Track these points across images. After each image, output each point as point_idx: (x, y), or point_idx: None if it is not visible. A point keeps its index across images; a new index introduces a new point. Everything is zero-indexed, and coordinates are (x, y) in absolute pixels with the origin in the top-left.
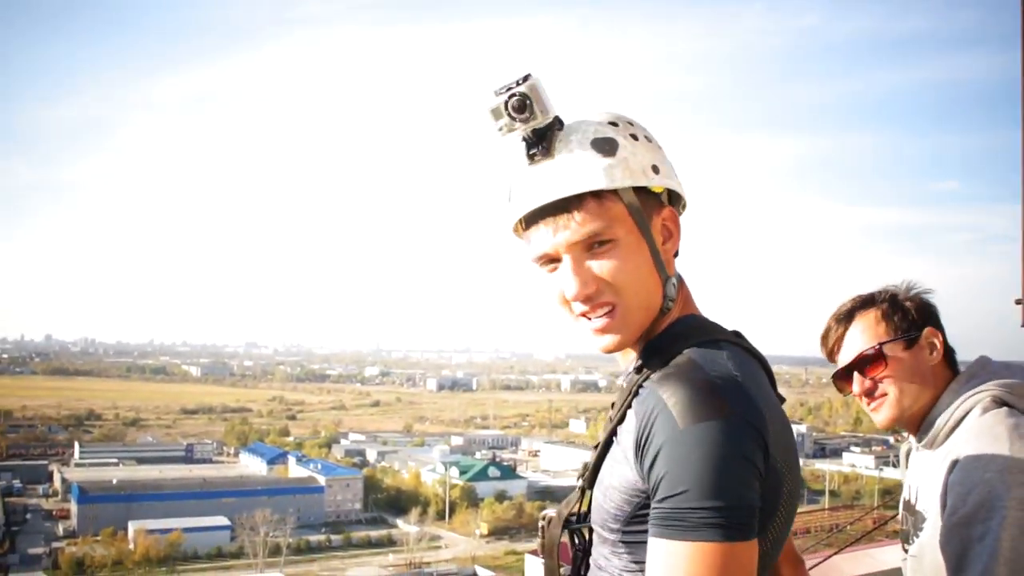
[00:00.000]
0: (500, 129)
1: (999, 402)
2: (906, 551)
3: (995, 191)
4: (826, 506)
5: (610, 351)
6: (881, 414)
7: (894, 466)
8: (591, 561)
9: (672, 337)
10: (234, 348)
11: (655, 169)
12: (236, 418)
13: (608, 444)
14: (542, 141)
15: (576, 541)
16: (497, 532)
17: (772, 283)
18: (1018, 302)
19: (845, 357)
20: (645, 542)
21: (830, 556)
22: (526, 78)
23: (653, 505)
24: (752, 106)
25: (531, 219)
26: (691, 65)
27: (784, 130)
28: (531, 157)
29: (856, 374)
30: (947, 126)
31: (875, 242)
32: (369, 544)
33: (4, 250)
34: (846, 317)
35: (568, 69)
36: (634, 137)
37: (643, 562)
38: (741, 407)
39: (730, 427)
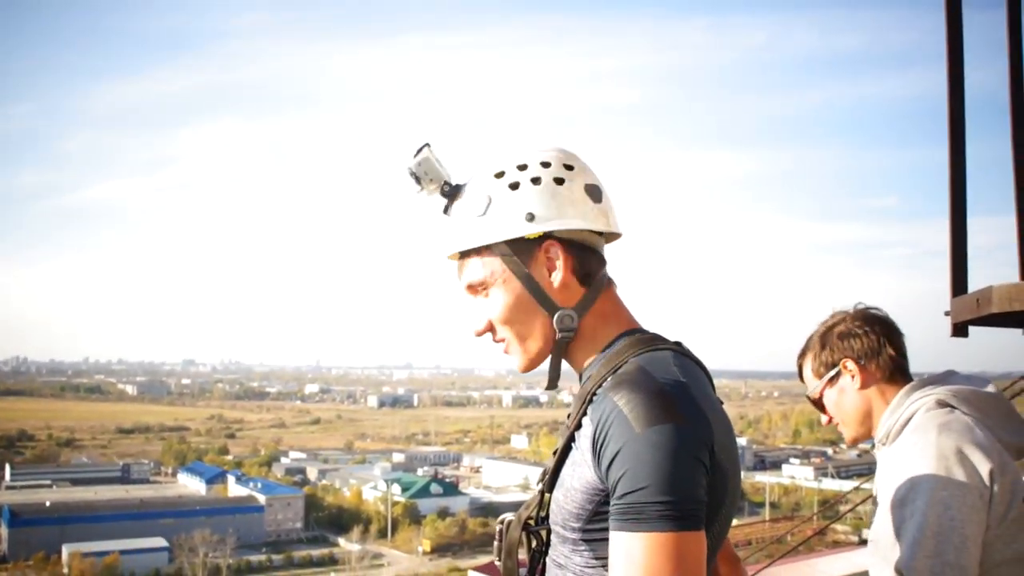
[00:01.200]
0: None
1: (942, 404)
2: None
3: (931, 206)
4: (767, 518)
5: (522, 371)
6: (845, 437)
7: (832, 477)
8: (549, 560)
9: (617, 350)
10: (171, 366)
11: (530, 216)
12: (174, 437)
13: (567, 449)
14: (447, 197)
15: (534, 543)
16: (440, 549)
17: (714, 298)
18: (946, 314)
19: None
20: (605, 539)
21: (769, 565)
22: (420, 150)
23: (613, 502)
24: (698, 121)
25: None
26: (637, 79)
27: (731, 145)
28: (444, 210)
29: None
30: (886, 142)
31: (820, 257)
32: (311, 563)
33: None
34: (801, 355)
35: (517, 81)
36: (514, 187)
37: (604, 557)
38: (690, 411)
39: (682, 430)
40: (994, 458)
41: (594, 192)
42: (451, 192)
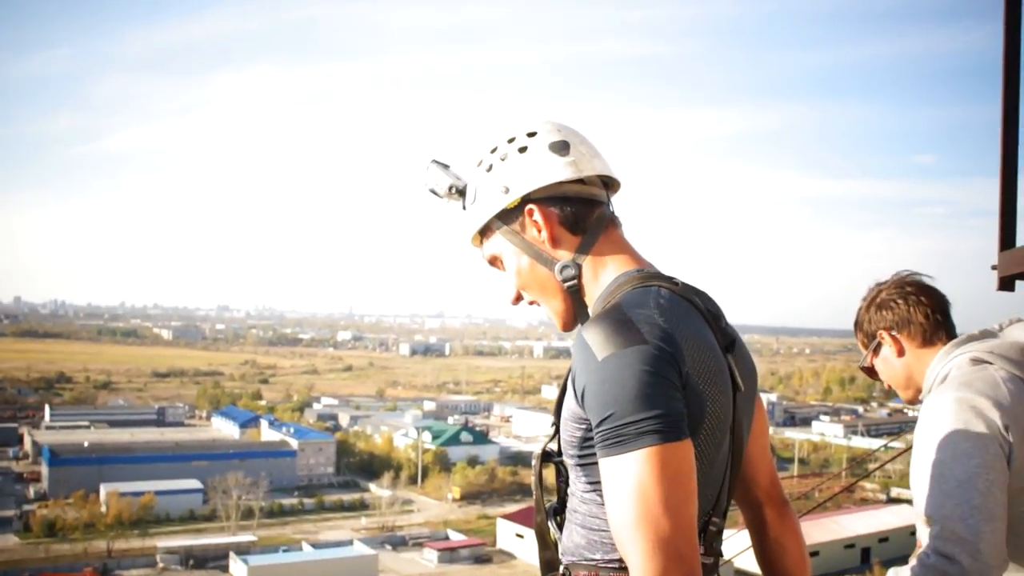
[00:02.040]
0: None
1: (976, 361)
2: None
3: (971, 165)
4: (795, 474)
5: (563, 330)
6: (902, 399)
7: (863, 435)
8: (568, 491)
9: (610, 291)
10: (206, 311)
11: (505, 189)
12: (208, 382)
13: (566, 384)
14: (460, 197)
15: (561, 473)
16: (469, 497)
17: (750, 253)
18: (993, 268)
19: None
20: (595, 463)
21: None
22: (427, 169)
23: (594, 432)
24: (735, 74)
25: None
26: (660, 32)
27: (764, 100)
28: (463, 207)
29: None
30: (926, 99)
31: (854, 214)
32: (341, 508)
33: None
34: (855, 333)
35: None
36: (489, 169)
37: (597, 482)
38: (654, 335)
39: (642, 352)
40: (1012, 412)
41: (558, 147)
42: (460, 193)
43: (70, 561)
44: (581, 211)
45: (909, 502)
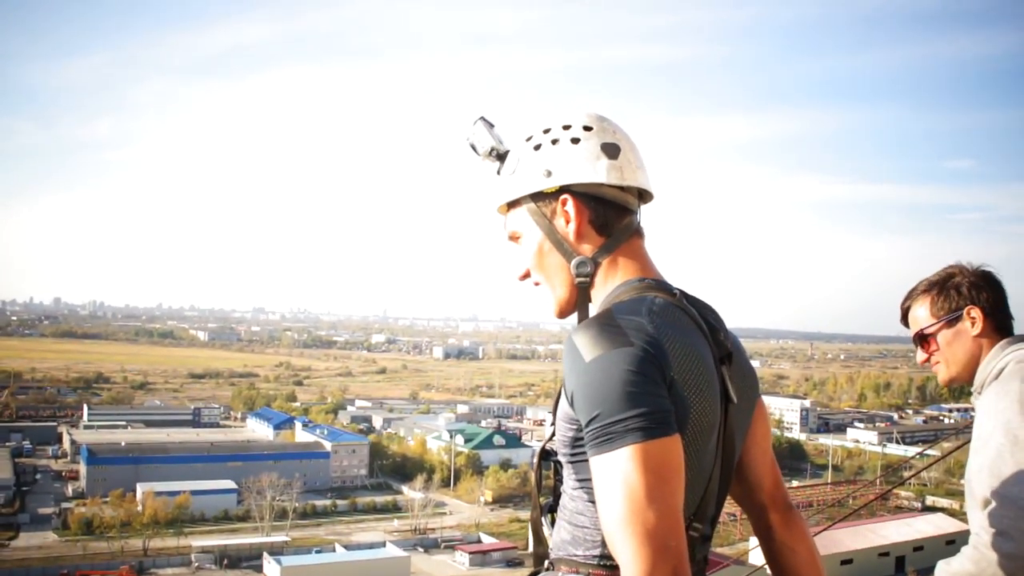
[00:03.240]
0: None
1: None
2: None
3: (1009, 170)
4: (828, 480)
5: (556, 316)
6: (938, 377)
7: (898, 443)
8: (561, 489)
9: (613, 295)
10: (241, 313)
11: (548, 172)
12: (243, 383)
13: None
14: (498, 161)
15: (558, 472)
16: (501, 500)
17: (784, 262)
18: None
19: (910, 330)
20: (584, 461)
21: (828, 528)
22: (475, 123)
23: (583, 432)
24: (769, 78)
25: None
26: (681, 38)
27: (795, 106)
28: (497, 172)
29: (917, 347)
30: (962, 103)
31: (888, 220)
32: (374, 510)
33: (14, 213)
34: (910, 296)
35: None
36: (537, 147)
37: (584, 479)
38: (639, 338)
39: (627, 353)
40: None
41: (610, 149)
42: (499, 157)
43: (107, 559)
44: (612, 215)
45: (944, 511)
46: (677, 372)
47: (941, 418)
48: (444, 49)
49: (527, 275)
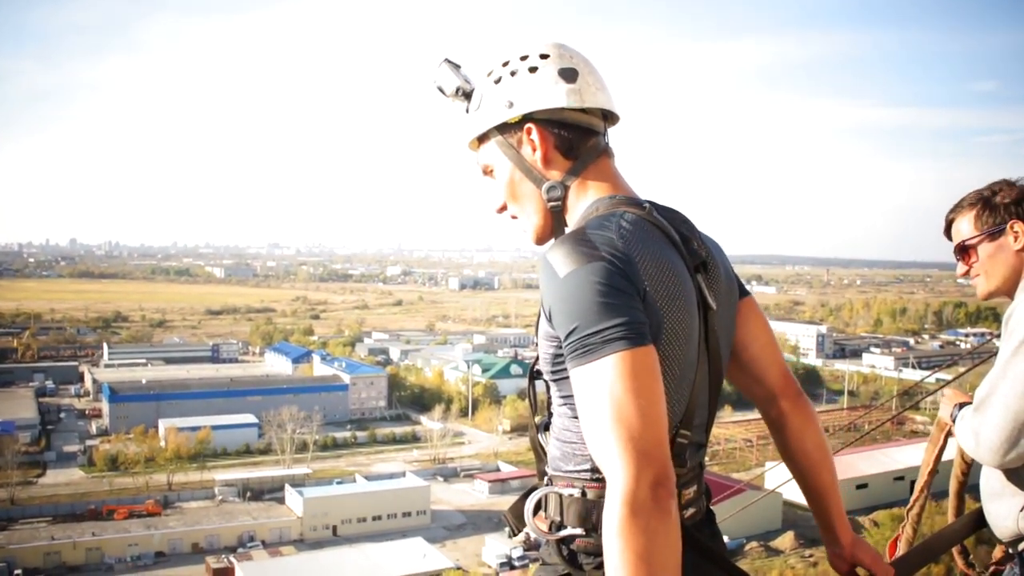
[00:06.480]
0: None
1: None
2: None
3: None
4: (844, 406)
5: (535, 243)
6: (977, 290)
7: (913, 368)
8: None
9: (585, 214)
10: (257, 249)
11: (509, 104)
12: (260, 318)
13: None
14: (466, 100)
15: (548, 389)
16: (519, 429)
17: (799, 188)
18: None
19: (953, 241)
20: (566, 377)
21: (842, 451)
22: (440, 65)
23: (563, 346)
24: (781, 1)
25: None
26: None
27: (815, 30)
28: (466, 111)
29: (958, 259)
30: (987, 24)
31: (906, 144)
32: (394, 441)
33: (27, 154)
34: (955, 210)
35: None
36: (497, 81)
37: (568, 396)
38: (611, 252)
39: (599, 267)
40: None
41: (568, 74)
42: (467, 96)
43: (133, 494)
44: (577, 138)
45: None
46: (650, 283)
47: (957, 343)
48: None
49: (504, 208)
